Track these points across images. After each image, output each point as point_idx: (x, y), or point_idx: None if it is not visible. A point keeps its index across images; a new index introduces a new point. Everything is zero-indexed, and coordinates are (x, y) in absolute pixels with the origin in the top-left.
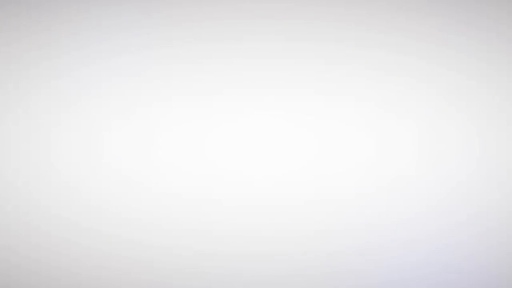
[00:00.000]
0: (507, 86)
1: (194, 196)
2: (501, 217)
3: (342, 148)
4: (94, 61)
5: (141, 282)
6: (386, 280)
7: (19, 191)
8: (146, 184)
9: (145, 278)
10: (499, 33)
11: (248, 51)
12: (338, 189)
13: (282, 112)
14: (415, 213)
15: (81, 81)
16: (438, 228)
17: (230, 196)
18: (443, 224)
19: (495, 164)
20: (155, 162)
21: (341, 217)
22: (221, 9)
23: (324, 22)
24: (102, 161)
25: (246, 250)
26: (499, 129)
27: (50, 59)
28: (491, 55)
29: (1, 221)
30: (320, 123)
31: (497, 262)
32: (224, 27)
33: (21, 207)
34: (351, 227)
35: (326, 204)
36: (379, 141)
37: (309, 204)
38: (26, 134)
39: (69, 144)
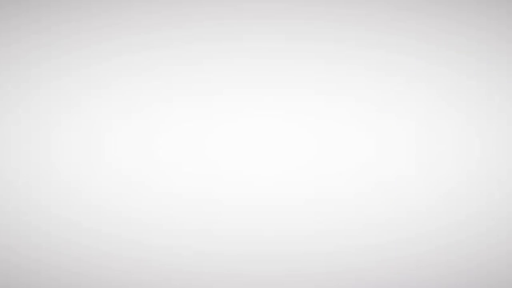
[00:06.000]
0: (507, 86)
1: (194, 196)
2: (501, 217)
3: (342, 148)
4: (94, 61)
5: (141, 282)
6: (386, 280)
7: (19, 191)
8: (146, 184)
9: (145, 278)
10: (499, 33)
11: (248, 51)
12: (338, 189)
13: (282, 112)
14: (415, 213)
15: (81, 81)
16: (438, 228)
17: (230, 196)
18: (443, 224)
19: (495, 164)
20: (155, 162)
21: (341, 217)
22: (221, 9)
23: (324, 22)
24: (102, 161)
25: (246, 250)
26: (499, 129)
27: (50, 59)
28: (491, 55)
29: (1, 221)
30: (320, 123)
31: (497, 262)
32: (224, 27)
33: (21, 207)
34: (351, 227)
35: (326, 204)
36: (379, 141)
37: (309, 204)
38: (26, 134)
39: (69, 144)
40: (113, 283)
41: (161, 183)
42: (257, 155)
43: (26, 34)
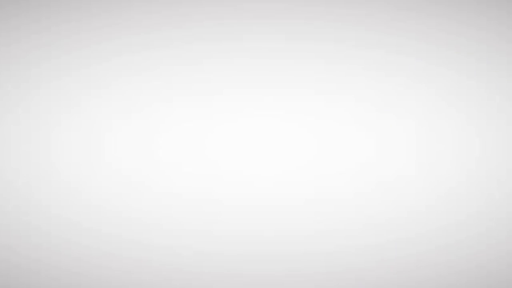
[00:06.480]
0: (507, 86)
1: (194, 196)
2: (501, 217)
3: (342, 148)
4: (94, 61)
5: (141, 282)
6: (386, 280)
7: (19, 191)
8: (146, 184)
9: (145, 278)
10: (499, 33)
11: (248, 51)
12: (338, 189)
13: (282, 112)
14: (415, 213)
15: (81, 81)
16: (438, 228)
17: (230, 196)
18: (443, 224)
19: (495, 164)
20: (155, 162)
21: (341, 217)
22: (221, 9)
23: (324, 22)
24: (102, 161)
25: (246, 250)
26: (499, 129)
27: (50, 59)
28: (491, 55)
29: (1, 221)
30: (320, 123)
31: (497, 262)
32: (224, 27)
33: (21, 207)
34: (351, 227)
35: (326, 204)
36: (379, 141)
37: (309, 204)
38: (26, 134)
39: (69, 144)
40: (113, 283)
41: (161, 183)
42: (257, 155)
43: (26, 34)
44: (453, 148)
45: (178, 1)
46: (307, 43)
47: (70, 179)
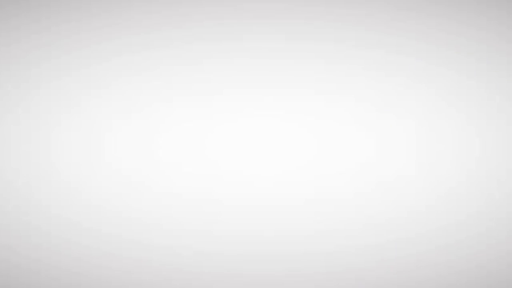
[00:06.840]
0: (507, 86)
1: (194, 196)
2: (501, 217)
3: (342, 148)
4: (94, 61)
5: (141, 282)
6: (386, 280)
7: (19, 191)
8: (146, 184)
9: (145, 278)
10: (499, 33)
11: (248, 51)
12: (338, 189)
13: (282, 112)
14: (415, 213)
15: (81, 81)
16: (438, 228)
17: (230, 196)
18: (443, 224)
19: (495, 164)
20: (155, 162)
21: (341, 217)
22: (221, 9)
23: (324, 22)
24: (102, 161)
25: (246, 250)
26: (499, 129)
27: (50, 59)
28: (491, 55)
29: (1, 221)
30: (320, 123)
31: (497, 262)
32: (224, 27)
33: (21, 207)
34: (351, 227)
35: (326, 204)
36: (379, 141)
37: (309, 204)
38: (26, 134)
39: (69, 144)
40: (113, 283)
41: (161, 183)
42: (257, 155)
43: (26, 34)
44: (453, 148)
45: (178, 1)
46: (307, 43)
47: (70, 179)
